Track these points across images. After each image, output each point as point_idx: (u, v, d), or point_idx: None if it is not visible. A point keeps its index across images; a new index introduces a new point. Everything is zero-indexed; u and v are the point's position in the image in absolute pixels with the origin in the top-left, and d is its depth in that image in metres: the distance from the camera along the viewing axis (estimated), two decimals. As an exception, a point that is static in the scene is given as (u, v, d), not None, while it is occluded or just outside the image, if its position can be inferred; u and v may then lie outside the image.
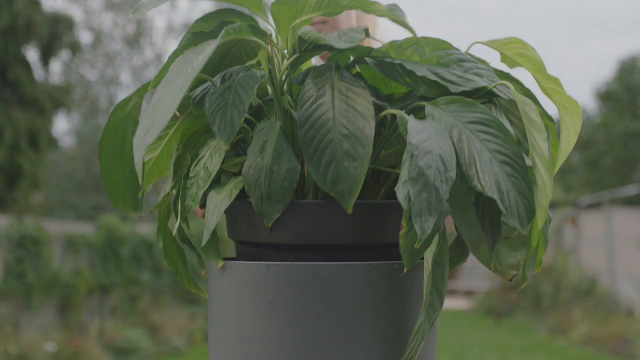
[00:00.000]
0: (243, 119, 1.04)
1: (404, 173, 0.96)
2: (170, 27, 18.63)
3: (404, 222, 0.96)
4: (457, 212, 1.09)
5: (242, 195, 1.11)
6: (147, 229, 10.33)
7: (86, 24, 17.53)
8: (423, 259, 1.07)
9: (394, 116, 1.10)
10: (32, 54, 12.24)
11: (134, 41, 17.81)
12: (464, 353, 8.94)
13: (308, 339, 1.02)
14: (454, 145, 1.00)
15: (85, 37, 19.44)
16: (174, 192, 1.20)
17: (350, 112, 1.03)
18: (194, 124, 1.18)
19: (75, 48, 12.43)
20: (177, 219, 1.17)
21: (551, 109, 1.20)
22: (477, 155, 1.00)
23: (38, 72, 12.14)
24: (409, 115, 1.02)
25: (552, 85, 1.13)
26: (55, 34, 11.76)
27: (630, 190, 12.44)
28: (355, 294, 1.03)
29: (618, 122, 20.29)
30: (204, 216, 1.30)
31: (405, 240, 0.98)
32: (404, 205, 0.95)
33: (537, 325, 10.84)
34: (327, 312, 1.02)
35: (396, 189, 0.96)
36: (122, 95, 19.69)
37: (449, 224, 1.10)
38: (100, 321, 8.17)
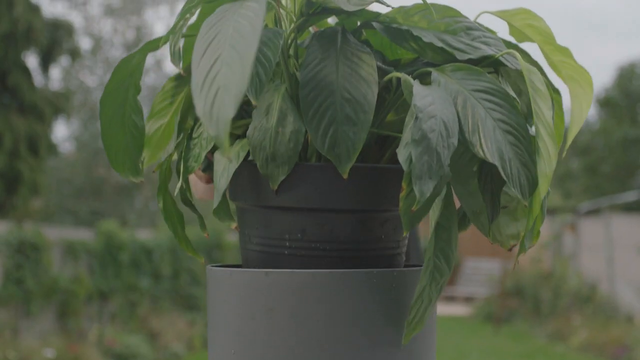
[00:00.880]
0: (270, 75, 1.03)
1: (407, 135, 0.97)
2: (169, 33, 18.57)
3: (404, 184, 0.97)
4: (459, 181, 1.09)
5: (246, 158, 1.11)
6: (146, 235, 10.33)
7: (86, 29, 17.56)
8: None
9: (399, 81, 1.10)
10: (32, 60, 12.26)
11: (134, 47, 17.83)
12: (463, 359, 8.94)
13: (307, 346, 1.02)
14: (457, 112, 1.01)
15: (84, 43, 19.47)
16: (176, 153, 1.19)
17: (354, 77, 1.03)
18: None
19: (74, 54, 12.44)
20: (179, 179, 1.16)
21: (560, 87, 1.19)
22: (480, 122, 1.00)
23: (37, 78, 12.16)
24: (414, 80, 1.03)
25: (560, 57, 1.13)
26: (55, 40, 11.78)
27: (629, 197, 12.45)
28: (354, 300, 1.03)
29: (617, 128, 20.31)
30: (207, 182, 1.29)
31: (405, 202, 0.98)
32: (405, 166, 0.95)
33: (537, 331, 10.84)
34: (327, 319, 1.02)
35: (397, 150, 0.96)
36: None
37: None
38: (99, 327, 8.17)
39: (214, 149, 1.13)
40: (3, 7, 10.74)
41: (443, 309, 13.94)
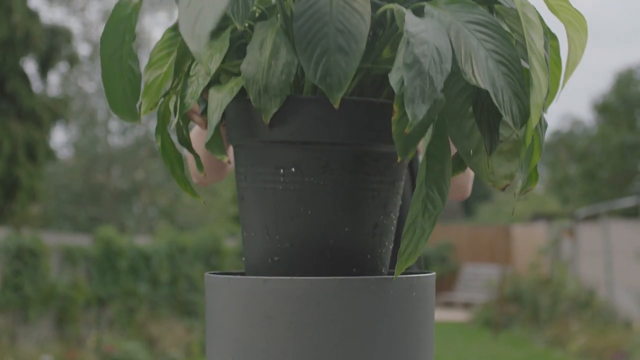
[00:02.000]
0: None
1: (398, 59, 0.97)
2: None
3: (395, 107, 0.97)
4: (453, 123, 1.10)
5: (241, 96, 1.12)
6: (144, 241, 10.32)
7: (84, 35, 17.56)
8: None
9: (393, 17, 1.11)
10: (30, 66, 12.26)
11: (132, 53, 17.83)
12: (462, 365, 8.93)
13: (305, 353, 1.02)
14: (450, 42, 1.01)
15: (83, 49, 19.46)
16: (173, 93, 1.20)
17: (347, 9, 1.04)
18: None
19: (73, 60, 12.45)
20: (175, 116, 1.17)
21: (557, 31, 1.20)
22: (472, 52, 1.01)
23: (36, 84, 12.16)
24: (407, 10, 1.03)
25: (558, 0, 1.14)
26: (53, 46, 11.78)
27: (627, 202, 12.46)
28: (352, 308, 1.03)
29: (615, 134, 20.32)
30: (204, 126, 1.30)
31: (398, 126, 0.98)
32: (396, 89, 0.96)
33: (535, 337, 10.83)
34: (325, 326, 1.02)
35: (389, 75, 0.97)
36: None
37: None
38: (97, 333, 8.16)
39: (211, 87, 1.14)
40: (1, 13, 10.75)
41: (442, 314, 13.93)
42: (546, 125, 1.10)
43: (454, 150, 1.14)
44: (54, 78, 18.04)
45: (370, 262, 1.14)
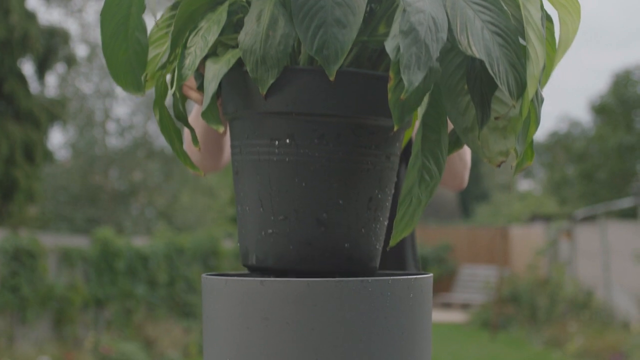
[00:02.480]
0: None
1: (394, 27, 0.98)
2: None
3: (391, 74, 0.97)
4: (449, 99, 1.10)
5: (237, 68, 1.12)
6: (142, 242, 10.32)
7: (82, 37, 17.54)
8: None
9: None
10: (28, 67, 12.27)
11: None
12: (460, 366, 8.93)
13: (303, 355, 1.02)
14: (446, 12, 1.02)
15: (80, 50, 19.48)
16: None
17: None
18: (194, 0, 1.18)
19: (70, 61, 12.44)
20: (171, 88, 1.17)
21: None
22: (468, 22, 1.01)
23: (33, 85, 12.15)
24: None
25: None
26: (51, 47, 11.78)
27: (625, 203, 12.46)
28: (349, 309, 1.03)
29: (612, 135, 20.33)
30: (201, 101, 1.30)
31: (394, 94, 0.98)
32: (392, 56, 0.96)
33: (533, 338, 10.83)
34: (322, 328, 1.02)
35: (385, 42, 0.97)
36: (117, 108, 19.68)
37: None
38: (95, 334, 8.15)
39: (208, 59, 1.14)
40: (-1, 14, 10.74)
41: (439, 315, 13.93)
42: (542, 100, 1.10)
43: (451, 127, 1.14)
44: (51, 79, 18.06)
45: (365, 236, 1.14)
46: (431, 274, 1.15)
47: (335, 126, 1.09)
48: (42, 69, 11.96)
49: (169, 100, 1.22)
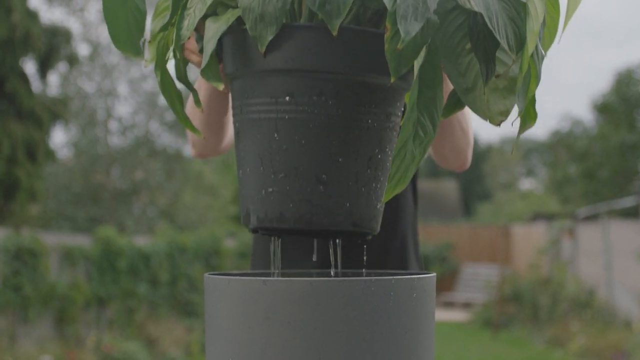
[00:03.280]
0: None
1: None
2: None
3: (388, 24, 0.97)
4: (449, 60, 1.10)
5: (237, 27, 1.13)
6: (144, 241, 10.32)
7: (83, 36, 17.53)
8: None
9: None
10: (30, 66, 12.26)
11: (131, 53, 17.81)
12: (462, 365, 8.92)
13: (305, 354, 1.02)
14: None
15: (82, 49, 19.46)
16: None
17: None
18: None
19: (72, 60, 12.44)
20: (170, 48, 1.17)
21: None
22: None
23: (35, 84, 12.16)
24: None
25: None
26: (53, 46, 11.78)
27: (627, 202, 12.45)
28: (352, 309, 1.03)
29: (615, 134, 20.31)
30: (199, 63, 1.30)
31: (391, 44, 0.98)
32: (389, 6, 0.96)
33: (535, 337, 10.83)
34: (324, 327, 1.02)
35: None
36: (119, 107, 19.69)
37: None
38: (96, 333, 8.15)
39: (205, 18, 1.15)
40: (1, 13, 10.74)
41: (441, 315, 13.93)
42: (543, 57, 1.10)
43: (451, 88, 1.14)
44: (53, 78, 18.05)
45: (365, 195, 1.14)
46: (434, 274, 1.15)
47: (334, 83, 1.09)
48: (44, 68, 11.97)
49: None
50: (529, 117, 1.11)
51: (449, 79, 1.11)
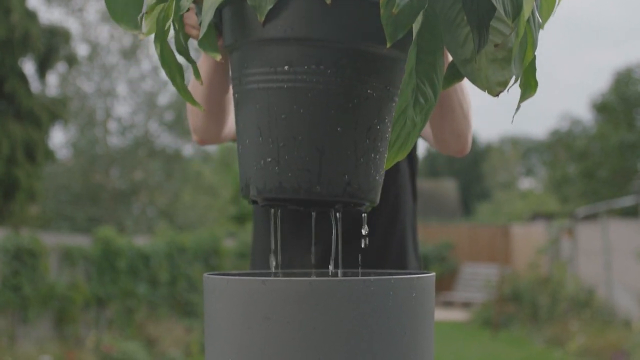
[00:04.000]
0: None
1: None
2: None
3: None
4: (448, 31, 1.10)
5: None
6: (143, 241, 10.32)
7: (82, 36, 17.52)
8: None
9: None
10: (29, 66, 12.26)
11: (130, 53, 17.82)
12: (461, 365, 8.92)
13: (304, 354, 1.02)
14: None
15: (81, 50, 19.46)
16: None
17: None
18: None
19: (71, 60, 12.44)
20: (170, 20, 1.17)
21: None
22: None
23: (34, 85, 12.15)
24: None
25: None
26: (52, 47, 11.77)
27: (626, 201, 12.45)
28: (351, 309, 1.03)
29: (614, 133, 20.31)
30: (197, 36, 1.30)
31: (386, 9, 0.98)
32: None
33: (534, 337, 10.83)
34: (324, 327, 1.02)
35: None
36: (118, 107, 19.68)
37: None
38: (96, 333, 8.15)
39: None
40: (0, 14, 10.74)
41: (441, 314, 13.92)
42: (540, 24, 1.10)
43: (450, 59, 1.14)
44: (52, 78, 18.04)
45: (363, 166, 1.14)
46: (433, 273, 1.15)
47: (333, 52, 1.09)
48: (43, 68, 11.96)
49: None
50: (529, 86, 1.11)
51: (448, 50, 1.11)
